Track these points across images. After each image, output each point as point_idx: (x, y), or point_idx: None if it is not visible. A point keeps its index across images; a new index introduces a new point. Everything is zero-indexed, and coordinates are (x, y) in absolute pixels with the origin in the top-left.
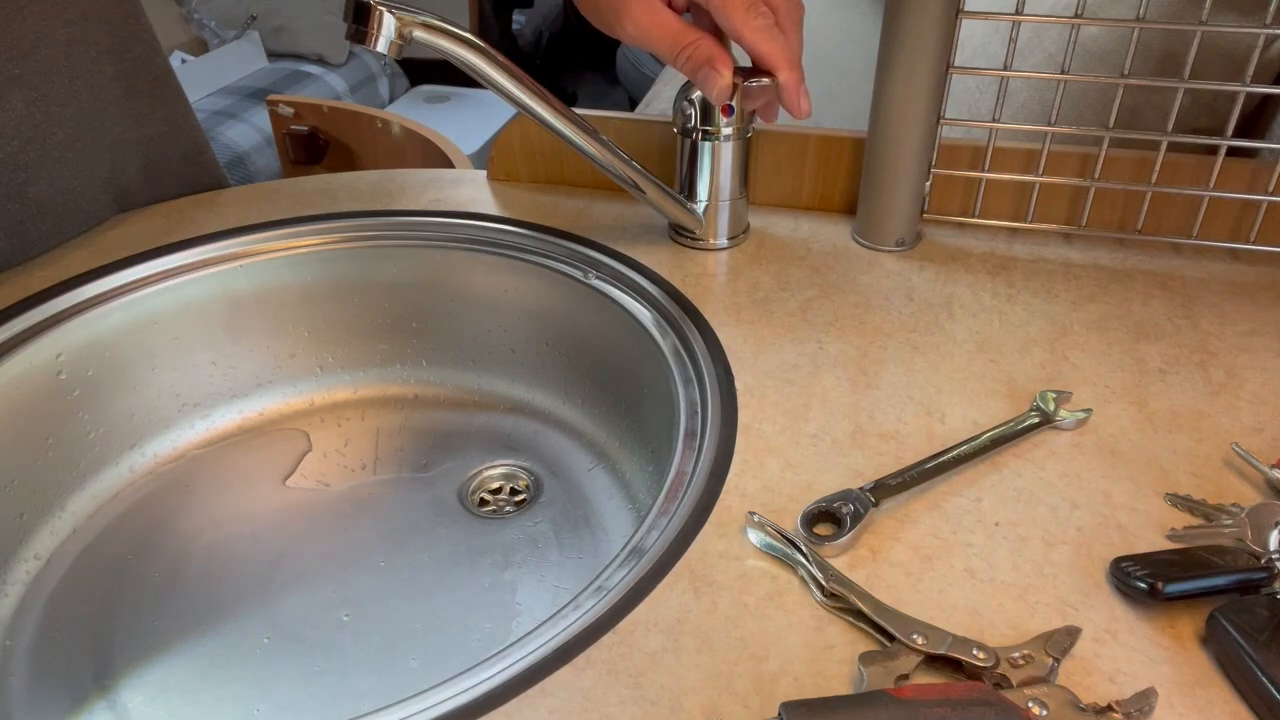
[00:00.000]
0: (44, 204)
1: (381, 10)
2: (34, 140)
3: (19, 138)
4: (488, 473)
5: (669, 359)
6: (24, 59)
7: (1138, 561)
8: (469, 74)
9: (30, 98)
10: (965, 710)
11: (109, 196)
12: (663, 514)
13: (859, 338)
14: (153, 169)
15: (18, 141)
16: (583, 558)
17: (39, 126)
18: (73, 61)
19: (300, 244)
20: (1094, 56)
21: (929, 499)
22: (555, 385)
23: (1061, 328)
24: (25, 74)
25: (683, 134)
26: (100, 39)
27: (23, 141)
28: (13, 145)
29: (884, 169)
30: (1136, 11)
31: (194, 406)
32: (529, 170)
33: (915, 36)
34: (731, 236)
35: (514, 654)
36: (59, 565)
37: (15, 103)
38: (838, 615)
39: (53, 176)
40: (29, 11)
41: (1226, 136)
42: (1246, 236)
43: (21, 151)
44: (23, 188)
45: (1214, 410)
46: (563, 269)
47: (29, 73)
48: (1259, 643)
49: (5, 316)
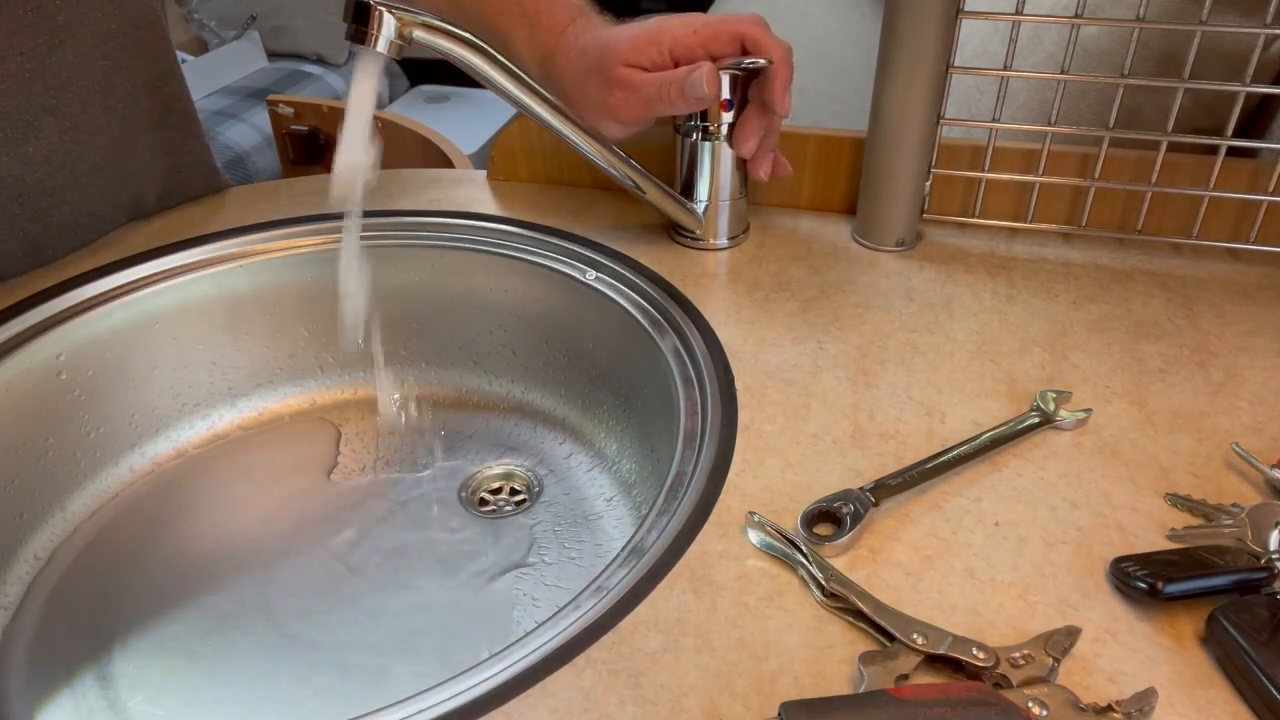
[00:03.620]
0: (65, 226)
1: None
2: (63, 167)
3: (49, 164)
4: (488, 473)
5: (669, 359)
6: (60, 90)
7: (1138, 561)
8: (469, 74)
9: (63, 126)
10: (965, 710)
11: (125, 216)
12: (663, 514)
13: (859, 338)
14: (171, 194)
15: (47, 168)
16: (583, 558)
17: (69, 154)
18: (108, 94)
19: (300, 244)
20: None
21: (929, 499)
22: (555, 385)
23: (1061, 328)
24: (61, 104)
25: (683, 134)
26: (137, 72)
27: (52, 168)
28: (42, 171)
29: (884, 169)
30: (1136, 11)
31: (194, 406)
32: (529, 170)
33: (915, 36)
34: (731, 236)
35: (514, 654)
36: (59, 565)
37: (49, 131)
38: (838, 615)
39: (76, 201)
40: (68, 45)
41: (1226, 136)
42: (1246, 236)
43: (50, 178)
44: (47, 212)
45: (1214, 410)
46: (562, 269)
47: (64, 103)
48: (1259, 643)
49: (5, 316)
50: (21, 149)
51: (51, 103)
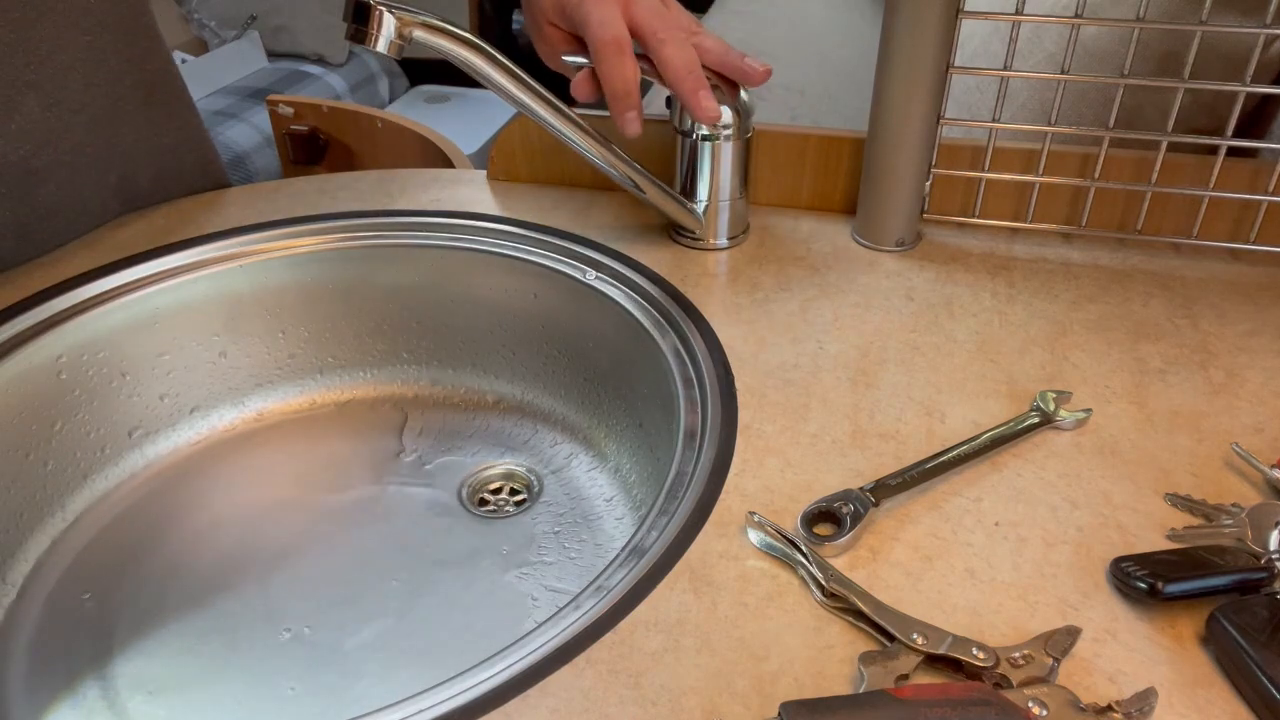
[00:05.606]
0: (52, 208)
1: (381, 10)
2: (47, 144)
3: (32, 141)
4: (488, 473)
5: (669, 359)
6: (41, 64)
7: (1138, 561)
8: (469, 74)
9: (46, 102)
10: (965, 710)
11: (118, 202)
12: (663, 514)
13: (859, 338)
14: (164, 177)
15: (30, 145)
16: (583, 558)
17: (53, 130)
18: (90, 69)
19: (300, 244)
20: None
21: (929, 499)
22: (555, 385)
23: (1061, 328)
24: (41, 79)
25: (683, 134)
26: (120, 49)
27: (35, 145)
28: (25, 149)
29: (884, 169)
30: (1136, 11)
31: (194, 406)
32: (529, 170)
33: (915, 36)
34: (731, 236)
35: (514, 654)
36: (58, 565)
37: (31, 107)
38: (838, 615)
39: (62, 181)
40: (47, 19)
41: (1226, 136)
42: (1246, 236)
43: (34, 155)
44: (32, 191)
45: (1214, 410)
46: (563, 269)
47: (45, 78)
48: (1259, 643)
49: (5, 316)
50: (2, 125)
51: (32, 77)
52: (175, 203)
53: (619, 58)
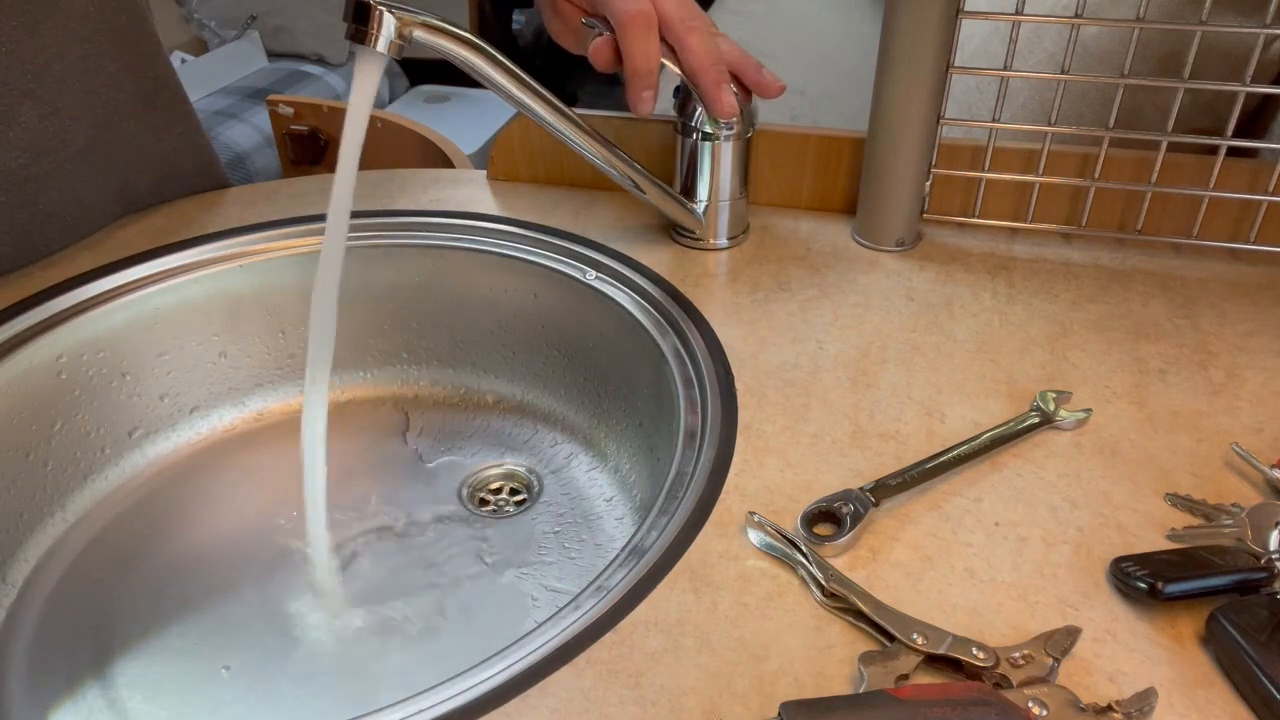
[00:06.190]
0: (53, 213)
1: (381, 10)
2: (46, 153)
3: (30, 150)
4: (488, 473)
5: (669, 359)
6: (38, 74)
7: (1138, 561)
8: (469, 74)
9: (43, 111)
10: (965, 710)
11: (118, 208)
12: (663, 514)
13: (859, 338)
14: (166, 181)
15: (29, 154)
16: (583, 558)
17: (52, 139)
18: (88, 76)
19: (300, 244)
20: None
21: (929, 499)
22: (555, 385)
23: (1061, 328)
24: (39, 89)
25: (683, 134)
26: (118, 56)
27: (34, 154)
28: (24, 158)
29: (884, 169)
30: (1136, 11)
31: (194, 406)
32: (529, 170)
33: (915, 36)
34: (731, 236)
35: (514, 654)
36: (58, 565)
37: (28, 116)
38: (838, 615)
39: (63, 188)
40: (44, 28)
41: (1226, 136)
42: (1246, 236)
43: (33, 164)
44: (32, 198)
45: (1214, 410)
46: (562, 269)
47: (43, 87)
48: (1259, 643)
49: (5, 316)
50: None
51: (30, 86)
52: (175, 203)
53: (647, 33)
